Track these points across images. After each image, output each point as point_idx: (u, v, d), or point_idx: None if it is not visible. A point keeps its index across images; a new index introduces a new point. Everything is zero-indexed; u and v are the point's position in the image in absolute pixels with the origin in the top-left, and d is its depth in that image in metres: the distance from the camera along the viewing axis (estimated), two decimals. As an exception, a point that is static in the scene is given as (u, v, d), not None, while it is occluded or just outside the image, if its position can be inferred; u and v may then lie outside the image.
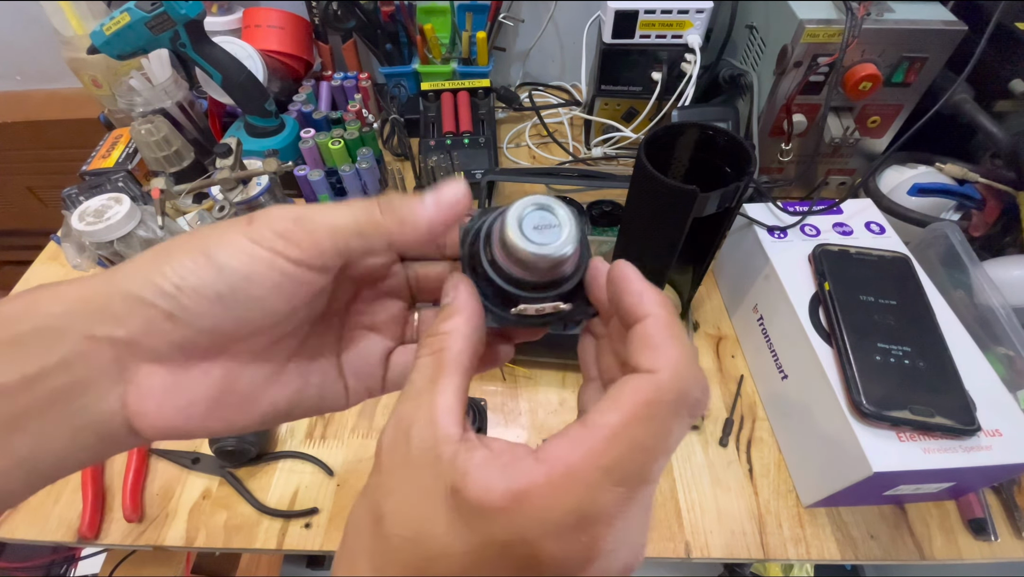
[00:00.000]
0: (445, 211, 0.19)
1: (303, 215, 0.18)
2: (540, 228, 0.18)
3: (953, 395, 0.39)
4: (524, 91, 0.91)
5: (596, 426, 0.15)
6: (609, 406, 0.15)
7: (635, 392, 0.15)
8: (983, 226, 0.57)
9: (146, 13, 0.55)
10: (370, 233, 0.18)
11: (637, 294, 0.18)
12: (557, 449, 0.15)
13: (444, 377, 0.17)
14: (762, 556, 0.44)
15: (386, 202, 0.18)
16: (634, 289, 0.18)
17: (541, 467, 0.14)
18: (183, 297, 0.17)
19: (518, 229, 0.18)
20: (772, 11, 0.59)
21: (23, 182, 1.09)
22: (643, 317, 0.17)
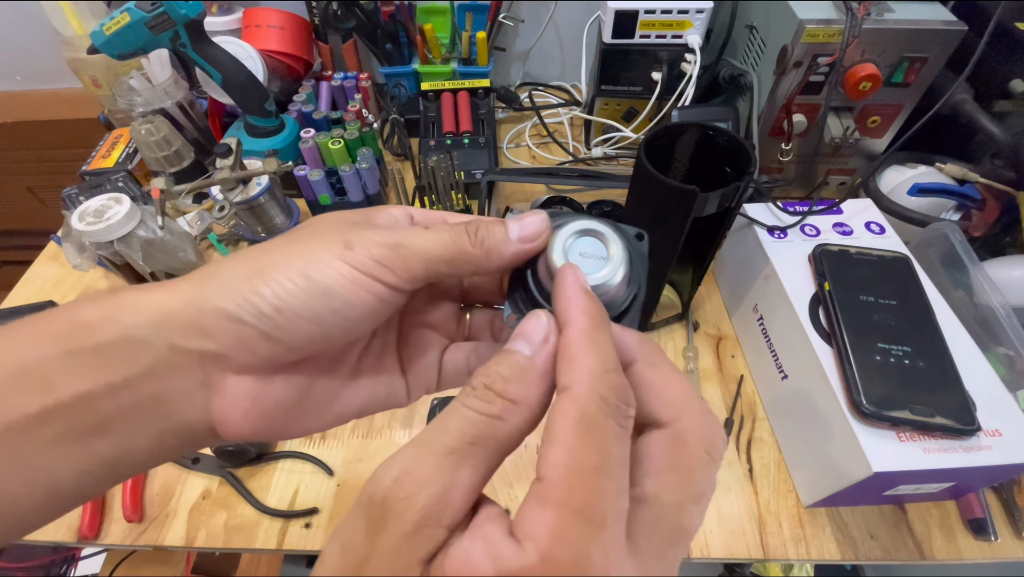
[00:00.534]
0: (528, 244, 0.19)
1: (400, 242, 0.18)
2: (586, 256, 0.18)
3: (953, 395, 0.39)
4: (524, 91, 0.92)
5: (547, 477, 0.14)
6: (547, 445, 0.14)
7: (562, 416, 0.14)
8: (983, 226, 0.57)
9: (146, 13, 0.55)
10: (459, 262, 0.18)
11: (566, 300, 0.17)
12: (527, 522, 0.13)
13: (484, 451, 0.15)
14: (762, 556, 0.44)
15: (474, 231, 0.19)
16: (562, 293, 0.17)
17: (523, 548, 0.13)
18: (281, 318, 0.17)
19: (563, 252, 0.18)
20: (772, 11, 0.59)
21: (23, 182, 1.09)
22: (563, 326, 0.16)
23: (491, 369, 0.16)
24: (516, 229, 0.19)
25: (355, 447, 0.50)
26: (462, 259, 0.18)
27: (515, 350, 0.16)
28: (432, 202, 0.64)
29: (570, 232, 0.18)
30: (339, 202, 0.69)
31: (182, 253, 0.57)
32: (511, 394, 0.15)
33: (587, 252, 0.18)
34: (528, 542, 0.13)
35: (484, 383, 0.16)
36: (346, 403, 0.21)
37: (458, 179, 0.63)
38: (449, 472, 0.14)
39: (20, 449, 0.15)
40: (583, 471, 0.13)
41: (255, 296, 0.17)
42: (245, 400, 0.18)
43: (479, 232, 0.19)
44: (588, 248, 0.18)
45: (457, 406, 0.16)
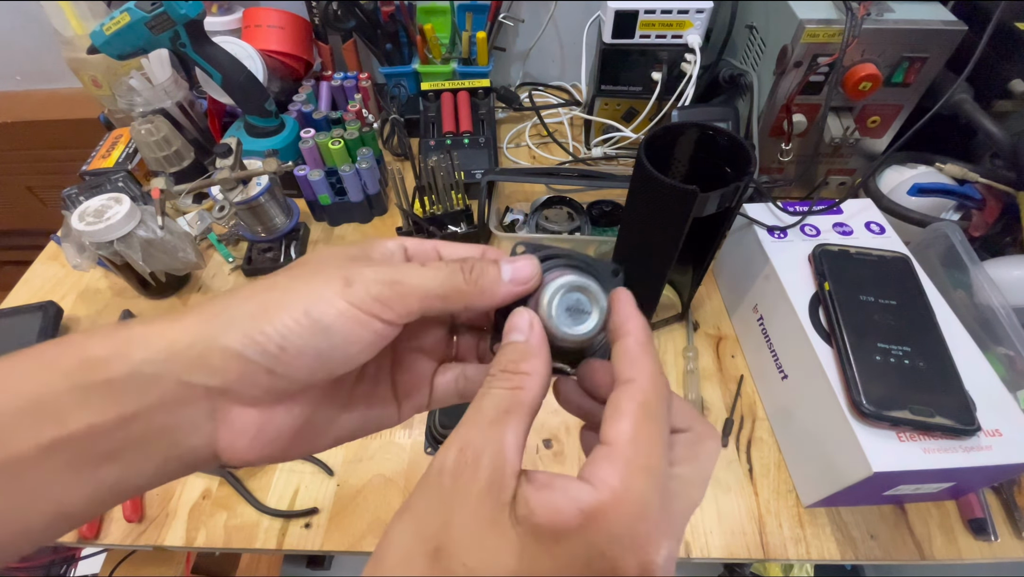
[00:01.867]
0: (519, 287, 0.21)
1: (397, 279, 0.20)
2: (572, 311, 0.21)
3: (953, 395, 0.39)
4: (524, 91, 0.92)
5: (617, 441, 0.17)
6: (616, 419, 0.18)
7: (630, 399, 0.18)
8: (983, 226, 0.57)
9: (146, 13, 0.55)
10: (453, 299, 0.20)
11: (624, 315, 0.20)
12: (600, 471, 0.16)
13: (518, 415, 0.18)
14: (762, 556, 0.44)
15: (469, 269, 0.21)
16: (621, 311, 0.21)
17: (599, 488, 0.16)
18: (285, 356, 0.18)
19: (549, 307, 0.21)
20: (772, 11, 0.59)
21: (23, 182, 1.09)
22: (624, 336, 0.20)
23: (501, 358, 0.20)
24: (508, 272, 0.21)
25: (355, 447, 0.50)
26: (456, 297, 0.20)
27: (513, 340, 0.20)
28: (432, 202, 0.64)
29: (559, 287, 0.21)
30: (339, 202, 0.69)
31: (182, 253, 0.57)
32: (523, 368, 0.19)
33: (574, 307, 0.21)
34: (602, 484, 0.16)
35: (500, 369, 0.19)
36: (343, 426, 0.23)
37: (458, 179, 0.63)
38: (497, 437, 0.17)
39: (30, 478, 0.16)
40: (645, 439, 0.17)
41: (260, 335, 0.18)
42: (250, 429, 0.19)
43: (473, 271, 0.21)
44: (574, 304, 0.21)
45: (485, 390, 0.19)
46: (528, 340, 0.20)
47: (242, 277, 0.65)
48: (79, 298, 0.63)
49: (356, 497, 0.47)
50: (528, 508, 0.16)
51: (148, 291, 0.62)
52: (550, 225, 0.69)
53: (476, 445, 0.17)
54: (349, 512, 0.46)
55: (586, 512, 0.15)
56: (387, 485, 0.47)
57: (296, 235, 0.68)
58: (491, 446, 0.17)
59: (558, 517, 0.15)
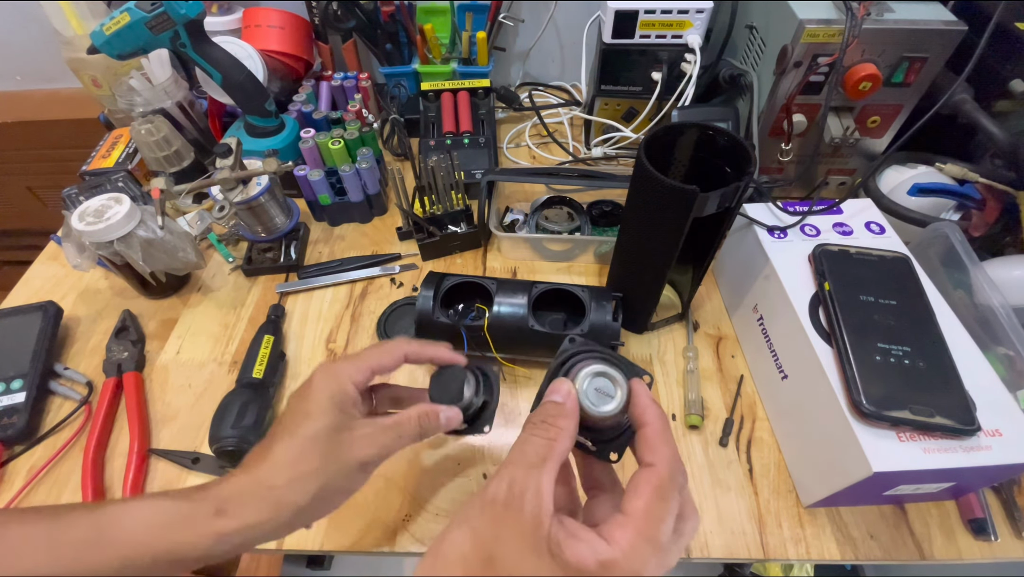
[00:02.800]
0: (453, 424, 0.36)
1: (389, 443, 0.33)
2: (600, 393, 0.26)
3: (953, 395, 0.39)
4: (524, 91, 0.92)
5: (632, 513, 0.22)
6: (635, 496, 0.23)
7: (647, 482, 0.23)
8: (983, 226, 0.57)
9: (146, 13, 0.55)
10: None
11: (643, 408, 0.25)
12: (615, 533, 0.22)
13: (552, 462, 0.23)
14: (762, 556, 0.44)
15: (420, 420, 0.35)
16: (641, 404, 0.25)
17: (614, 546, 0.21)
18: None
19: (581, 387, 0.26)
20: (772, 11, 0.59)
21: (23, 182, 1.09)
22: (644, 425, 0.25)
23: (542, 411, 0.25)
24: (444, 420, 0.35)
25: (355, 447, 0.50)
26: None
27: (553, 399, 0.26)
28: (432, 202, 0.64)
29: (589, 372, 0.26)
30: (339, 202, 0.69)
31: (182, 253, 0.57)
32: (559, 424, 0.24)
33: (602, 389, 0.26)
34: (615, 545, 0.21)
35: (540, 420, 0.25)
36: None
37: (458, 179, 0.63)
38: (536, 479, 0.22)
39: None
40: (655, 516, 0.22)
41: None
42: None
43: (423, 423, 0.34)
44: (602, 386, 0.26)
45: (528, 436, 0.25)
46: (565, 403, 0.25)
47: (242, 277, 0.65)
48: (79, 298, 0.63)
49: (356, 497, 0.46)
50: (560, 548, 0.21)
51: (148, 291, 0.62)
52: (550, 225, 0.69)
53: (521, 483, 0.22)
54: (349, 512, 0.46)
55: (601, 563, 0.21)
56: (387, 485, 0.47)
57: (296, 235, 0.68)
58: (532, 486, 0.22)
59: (582, 561, 0.21)
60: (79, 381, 0.55)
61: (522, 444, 0.24)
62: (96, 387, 0.55)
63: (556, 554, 0.21)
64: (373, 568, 1.22)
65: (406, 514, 0.46)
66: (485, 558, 0.21)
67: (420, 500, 0.47)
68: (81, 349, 0.59)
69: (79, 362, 0.57)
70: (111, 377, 0.54)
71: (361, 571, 1.22)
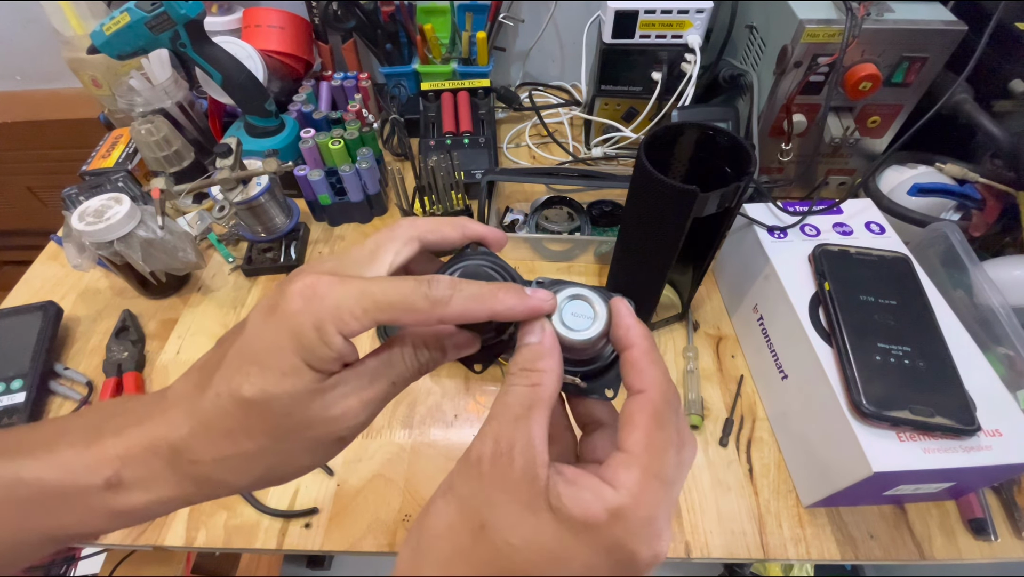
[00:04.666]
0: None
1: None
2: (577, 317, 0.23)
3: (953, 395, 0.39)
4: (524, 91, 0.92)
5: (632, 449, 0.19)
6: (631, 429, 0.20)
7: (641, 410, 0.20)
8: (983, 226, 0.57)
9: (146, 13, 0.55)
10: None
11: (627, 327, 0.22)
12: (620, 475, 0.19)
13: (539, 409, 0.20)
14: (762, 556, 0.44)
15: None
16: (625, 323, 0.22)
17: (620, 492, 0.19)
18: None
19: (559, 316, 0.23)
20: (772, 11, 0.59)
21: (23, 182, 1.09)
22: (630, 346, 0.22)
23: (519, 358, 0.22)
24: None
25: (355, 447, 0.50)
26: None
27: (528, 342, 0.22)
28: (432, 202, 0.64)
29: (563, 297, 0.23)
30: (339, 202, 0.69)
31: (182, 253, 0.57)
32: (539, 366, 0.21)
33: (579, 313, 0.23)
34: (622, 488, 0.19)
35: (519, 368, 0.21)
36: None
37: (458, 179, 0.63)
38: (524, 430, 0.19)
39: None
40: (658, 447, 0.20)
41: None
42: None
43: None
44: (578, 310, 0.23)
45: (507, 387, 0.21)
46: (542, 342, 0.22)
47: (242, 277, 0.65)
48: (79, 298, 0.63)
49: (356, 497, 0.47)
50: (560, 500, 0.18)
51: (148, 291, 0.62)
52: (550, 225, 0.69)
53: (508, 437, 0.19)
54: (349, 512, 0.46)
55: (611, 511, 0.18)
56: (387, 485, 0.47)
57: (296, 235, 0.68)
58: (521, 438, 0.19)
59: (588, 512, 0.18)
60: (79, 381, 0.55)
61: (503, 396, 0.21)
62: (96, 387, 0.55)
63: (558, 508, 0.18)
64: (373, 568, 1.22)
65: (406, 514, 0.46)
66: (476, 526, 0.19)
67: (420, 500, 0.47)
68: (81, 349, 0.59)
69: (79, 362, 0.57)
70: (111, 377, 0.54)
71: (361, 571, 1.22)
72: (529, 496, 0.18)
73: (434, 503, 0.20)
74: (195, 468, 0.21)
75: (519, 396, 0.20)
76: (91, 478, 0.21)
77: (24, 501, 0.21)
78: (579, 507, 0.18)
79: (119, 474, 0.21)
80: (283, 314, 0.20)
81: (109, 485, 0.21)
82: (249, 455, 0.21)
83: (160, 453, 0.21)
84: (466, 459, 0.20)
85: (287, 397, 0.20)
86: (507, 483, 0.19)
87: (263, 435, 0.20)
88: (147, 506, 0.21)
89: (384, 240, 0.23)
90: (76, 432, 0.22)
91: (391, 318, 0.20)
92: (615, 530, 0.18)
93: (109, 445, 0.21)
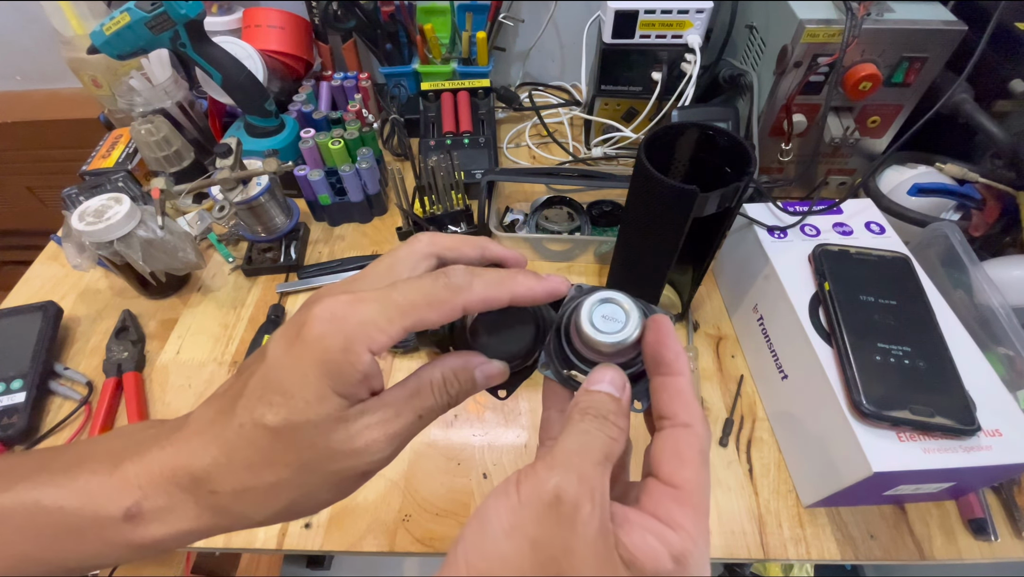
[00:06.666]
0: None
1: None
2: (608, 320, 0.23)
3: (953, 395, 0.39)
4: (524, 91, 0.92)
5: (685, 487, 0.20)
6: (681, 465, 0.20)
7: (690, 446, 0.20)
8: (983, 226, 0.57)
9: (146, 13, 0.55)
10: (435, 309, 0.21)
11: (676, 352, 0.21)
12: (676, 515, 0.19)
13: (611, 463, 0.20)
14: (762, 556, 0.44)
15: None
16: (673, 346, 0.22)
17: (682, 536, 0.19)
18: None
19: (588, 315, 0.22)
20: (772, 11, 0.59)
21: (23, 182, 1.09)
22: (677, 374, 0.21)
23: (600, 405, 0.21)
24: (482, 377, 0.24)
25: (355, 447, 0.50)
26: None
27: (608, 392, 0.21)
28: (432, 202, 0.64)
29: (595, 299, 0.23)
30: (339, 202, 0.69)
31: (182, 253, 0.57)
32: (620, 424, 0.21)
33: (610, 316, 0.23)
34: (682, 531, 0.19)
35: (600, 414, 0.20)
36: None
37: (458, 179, 0.63)
38: (602, 480, 0.19)
39: None
40: (703, 485, 0.20)
41: None
42: None
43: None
44: (609, 313, 0.23)
45: (590, 427, 0.20)
46: (621, 400, 0.21)
47: (242, 277, 0.65)
48: (79, 298, 0.63)
49: (356, 497, 0.47)
50: (630, 553, 0.18)
51: (148, 291, 0.62)
52: (550, 225, 0.69)
53: (590, 482, 0.18)
54: (349, 512, 0.46)
55: (676, 557, 0.18)
56: (387, 485, 0.47)
57: (296, 235, 0.68)
58: (599, 487, 0.18)
59: (659, 565, 0.18)
60: (79, 381, 0.55)
61: (583, 435, 0.20)
62: (96, 387, 0.55)
63: (631, 562, 0.18)
64: (373, 568, 1.22)
65: (406, 514, 0.46)
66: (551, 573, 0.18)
67: (420, 500, 0.47)
68: (81, 349, 0.59)
69: (79, 362, 0.57)
70: (111, 377, 0.54)
71: (361, 571, 1.22)
72: (607, 551, 0.18)
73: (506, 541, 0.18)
74: (215, 499, 0.20)
75: (602, 444, 0.19)
76: (111, 508, 0.20)
77: (43, 529, 0.21)
78: (651, 560, 0.18)
79: (139, 504, 0.20)
80: (307, 339, 0.19)
81: (129, 516, 0.20)
82: (270, 488, 0.20)
83: (181, 483, 0.20)
84: (539, 491, 0.18)
85: (311, 426, 0.19)
86: (588, 534, 0.17)
87: (285, 467, 0.20)
88: (166, 539, 0.21)
89: (402, 256, 0.23)
90: (99, 458, 0.22)
91: (417, 319, 0.20)
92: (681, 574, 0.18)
93: (131, 472, 0.21)
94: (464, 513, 0.46)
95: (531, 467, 0.19)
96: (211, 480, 0.20)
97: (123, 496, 0.20)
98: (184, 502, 0.20)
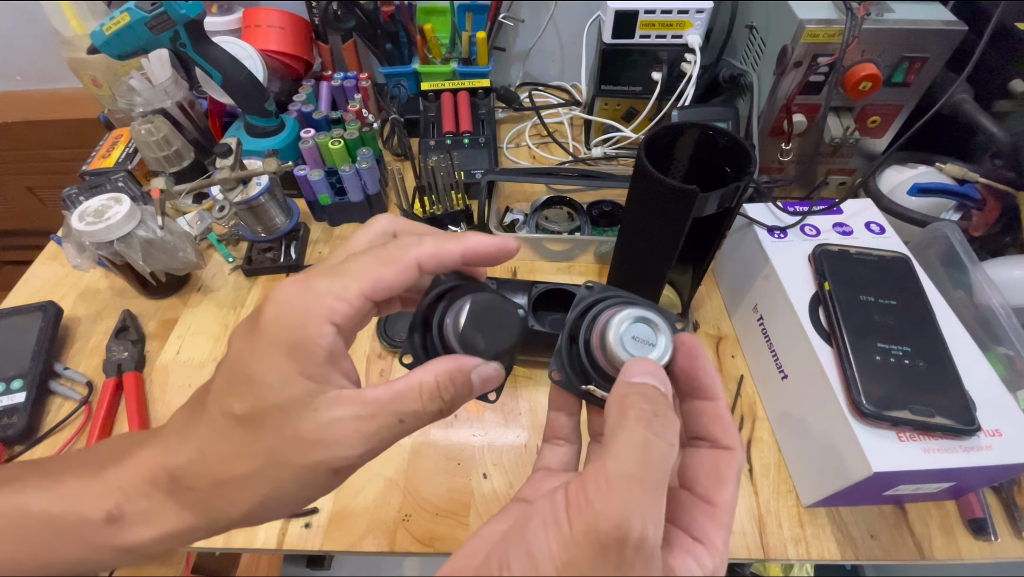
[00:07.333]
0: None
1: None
2: (639, 341, 0.22)
3: (953, 395, 0.39)
4: (524, 91, 0.92)
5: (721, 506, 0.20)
6: (721, 486, 0.20)
7: (730, 468, 0.21)
8: (983, 226, 0.57)
9: (146, 13, 0.55)
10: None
11: (712, 376, 0.21)
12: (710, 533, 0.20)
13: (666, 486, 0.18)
14: (762, 556, 0.44)
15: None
16: (710, 371, 0.22)
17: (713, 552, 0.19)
18: None
19: (618, 333, 0.22)
20: (772, 11, 0.59)
21: (23, 182, 1.09)
22: (715, 398, 0.21)
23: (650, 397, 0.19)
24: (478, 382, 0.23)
25: (355, 447, 0.50)
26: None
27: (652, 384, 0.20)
28: (432, 202, 0.64)
29: (626, 316, 0.22)
30: (339, 202, 0.69)
31: (182, 253, 0.57)
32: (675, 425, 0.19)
33: (640, 337, 0.22)
34: (714, 549, 0.19)
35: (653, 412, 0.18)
36: None
37: (458, 179, 0.63)
38: (660, 508, 0.17)
39: None
40: (735, 506, 0.21)
41: None
42: None
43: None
44: (640, 334, 0.22)
45: (653, 441, 0.18)
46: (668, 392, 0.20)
47: (242, 277, 0.65)
48: (79, 298, 0.63)
49: (356, 497, 0.47)
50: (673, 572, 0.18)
51: (148, 291, 0.62)
52: (550, 225, 0.69)
53: (654, 516, 0.16)
54: (349, 512, 0.46)
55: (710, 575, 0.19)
56: (387, 485, 0.47)
57: (296, 235, 0.68)
58: (659, 519, 0.17)
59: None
60: (79, 381, 0.55)
61: (642, 449, 0.17)
62: (96, 387, 0.55)
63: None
64: (373, 568, 1.22)
65: (406, 514, 0.46)
66: None
67: (420, 500, 0.47)
68: (81, 349, 0.59)
69: (79, 362, 0.57)
70: (111, 377, 0.54)
71: (361, 571, 1.22)
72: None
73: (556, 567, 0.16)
74: (193, 496, 0.20)
75: (661, 458, 0.17)
76: (93, 511, 0.20)
77: (29, 534, 0.21)
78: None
79: (120, 507, 0.20)
80: (264, 323, 0.19)
81: (111, 519, 0.20)
82: (243, 480, 0.20)
83: (160, 483, 0.20)
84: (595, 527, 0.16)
85: (277, 411, 0.19)
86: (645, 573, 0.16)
87: (255, 456, 0.19)
88: (150, 542, 0.21)
89: (358, 235, 0.23)
90: (84, 463, 0.22)
91: (373, 280, 0.20)
92: None
93: (112, 476, 0.21)
94: (464, 513, 0.46)
95: (582, 490, 0.17)
96: (188, 476, 0.20)
97: (104, 499, 0.20)
98: (164, 503, 0.20)
